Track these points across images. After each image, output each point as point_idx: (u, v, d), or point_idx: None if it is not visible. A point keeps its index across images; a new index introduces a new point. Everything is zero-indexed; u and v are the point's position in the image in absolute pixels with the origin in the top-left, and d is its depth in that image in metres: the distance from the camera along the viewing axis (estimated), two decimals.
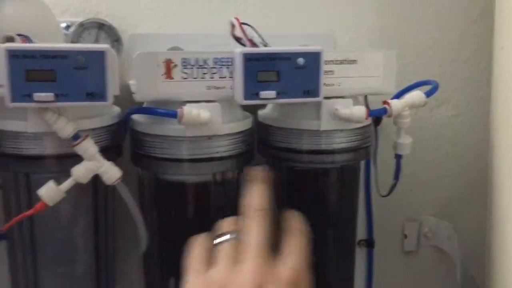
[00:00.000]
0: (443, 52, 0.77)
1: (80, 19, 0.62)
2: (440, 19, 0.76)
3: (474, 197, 0.80)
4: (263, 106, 0.63)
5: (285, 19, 0.72)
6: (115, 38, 0.62)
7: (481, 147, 0.80)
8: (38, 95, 0.45)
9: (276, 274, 0.40)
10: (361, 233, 0.77)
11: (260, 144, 0.61)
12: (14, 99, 0.45)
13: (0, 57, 0.44)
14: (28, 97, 0.45)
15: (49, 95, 0.46)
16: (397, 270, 0.82)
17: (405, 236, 0.81)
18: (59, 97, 0.46)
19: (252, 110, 0.61)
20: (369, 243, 0.79)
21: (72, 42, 0.59)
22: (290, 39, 0.63)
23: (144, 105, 0.56)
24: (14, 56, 0.45)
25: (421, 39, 0.76)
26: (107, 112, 0.54)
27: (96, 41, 0.61)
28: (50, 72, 0.46)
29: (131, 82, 0.59)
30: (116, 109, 0.56)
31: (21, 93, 0.45)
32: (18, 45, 0.46)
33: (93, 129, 0.51)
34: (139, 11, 0.67)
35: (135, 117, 0.56)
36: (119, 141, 0.56)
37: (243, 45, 0.55)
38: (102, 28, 0.61)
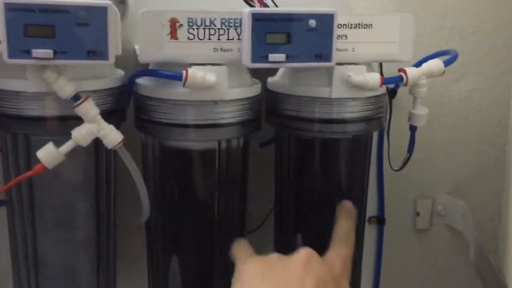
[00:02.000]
0: (464, 23, 0.73)
1: None
2: None
3: (490, 176, 0.77)
4: (273, 73, 0.60)
5: None
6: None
7: (500, 124, 0.77)
8: (36, 52, 0.43)
9: (326, 259, 0.49)
10: (372, 209, 0.76)
11: (268, 112, 0.59)
12: (12, 55, 0.43)
13: None
14: (26, 53, 0.44)
15: (48, 52, 0.44)
16: (409, 249, 0.80)
17: (418, 214, 0.79)
18: (58, 54, 0.44)
19: (261, 77, 0.59)
20: (380, 220, 0.77)
21: None
22: (301, 2, 0.60)
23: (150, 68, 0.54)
24: (12, 9, 0.43)
25: (440, 8, 0.73)
26: (110, 74, 0.52)
27: None
28: (49, 28, 0.44)
29: (137, 46, 0.57)
30: (120, 72, 0.55)
31: (19, 49, 0.43)
32: None
33: (95, 91, 0.49)
34: None
35: (140, 80, 0.54)
36: (123, 105, 0.54)
37: (252, 6, 0.53)
38: None
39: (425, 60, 0.58)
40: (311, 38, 0.49)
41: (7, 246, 0.57)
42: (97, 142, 0.49)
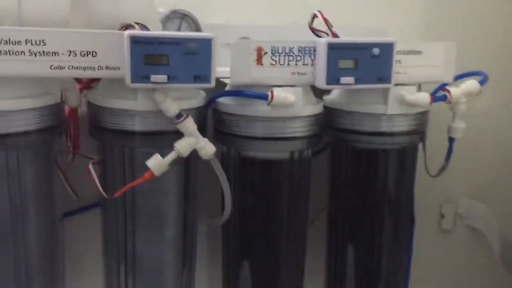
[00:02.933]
0: (483, 46, 0.83)
1: (161, 9, 0.67)
2: (481, 16, 0.83)
3: (507, 180, 0.87)
4: (328, 92, 0.69)
5: (340, 13, 0.78)
6: (195, 28, 0.68)
7: None
8: (154, 77, 0.51)
9: None
10: None
11: (327, 126, 0.67)
12: (133, 80, 0.51)
13: (124, 42, 0.50)
14: (146, 79, 0.51)
15: (163, 77, 0.52)
16: (435, 247, 0.89)
17: (442, 216, 0.88)
18: (171, 79, 0.52)
19: (318, 96, 0.67)
20: (411, 222, 0.85)
21: None
22: (347, 31, 0.68)
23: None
24: (135, 42, 0.50)
25: (463, 34, 0.82)
26: (197, 95, 0.60)
27: (179, 30, 0.67)
28: (164, 57, 0.52)
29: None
30: (203, 93, 0.62)
31: (140, 75, 0.51)
32: (140, 32, 0.51)
33: (190, 109, 0.57)
34: (210, 3, 0.73)
35: (220, 100, 0.62)
36: (205, 121, 0.62)
37: (318, 36, 0.61)
38: (184, 19, 0.67)
39: (456, 79, 0.68)
40: (374, 63, 0.58)
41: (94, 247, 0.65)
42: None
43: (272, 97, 0.56)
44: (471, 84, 0.65)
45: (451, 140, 0.69)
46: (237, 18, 0.74)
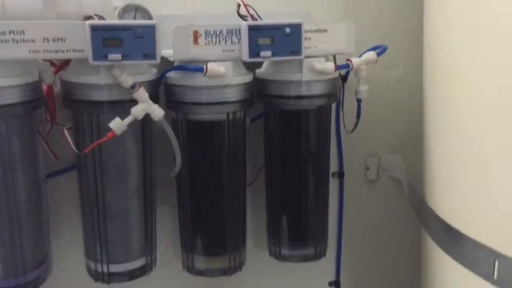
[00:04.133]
0: (393, 25, 1.00)
1: (119, 3, 0.82)
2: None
3: (419, 136, 1.04)
4: (259, 65, 0.85)
5: (271, 2, 0.94)
6: (148, 18, 0.82)
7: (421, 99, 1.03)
8: (111, 56, 0.66)
9: None
10: (333, 166, 1.01)
11: (258, 94, 0.83)
12: (95, 59, 0.66)
13: (86, 30, 0.65)
14: (104, 58, 0.66)
15: (118, 56, 0.67)
16: (362, 196, 1.06)
17: (368, 168, 1.05)
18: (124, 57, 0.67)
19: (251, 69, 0.83)
20: (340, 175, 1.02)
21: None
22: (278, 17, 0.84)
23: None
24: (95, 29, 0.65)
25: (377, 15, 0.99)
26: (149, 71, 0.75)
27: (134, 19, 0.81)
28: (118, 40, 0.66)
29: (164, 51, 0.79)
30: (154, 70, 0.77)
31: (99, 55, 0.66)
32: (98, 21, 0.66)
33: (143, 82, 0.72)
34: None
35: (169, 74, 0.77)
36: (157, 92, 0.77)
37: (245, 20, 0.77)
38: (138, 10, 0.82)
39: (365, 52, 0.84)
40: (287, 40, 0.74)
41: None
42: (143, 118, 0.72)
43: (206, 70, 0.72)
44: (369, 54, 0.81)
45: (358, 101, 0.86)
46: (185, 9, 0.89)
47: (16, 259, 0.73)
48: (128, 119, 0.70)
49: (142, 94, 0.70)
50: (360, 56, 0.83)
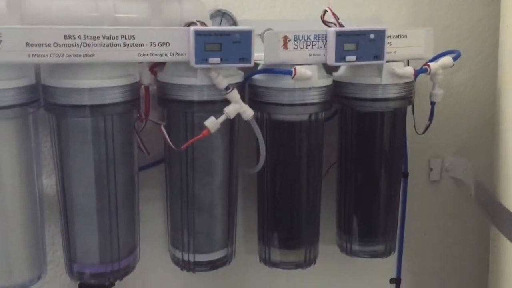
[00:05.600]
0: (460, 30, 1.02)
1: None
2: (460, 4, 1.02)
3: (484, 139, 1.06)
4: (336, 69, 0.88)
5: (345, 7, 0.97)
6: (232, 23, 0.87)
7: (488, 101, 1.06)
8: (211, 59, 0.71)
9: None
10: None
11: (335, 95, 0.87)
12: (196, 62, 0.71)
13: (189, 35, 0.70)
14: (205, 61, 0.71)
15: (217, 59, 0.71)
16: (425, 196, 1.09)
17: (431, 169, 1.08)
18: (223, 60, 0.72)
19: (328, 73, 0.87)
20: (404, 175, 1.05)
21: None
22: (350, 21, 0.87)
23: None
24: (198, 34, 0.70)
25: (444, 20, 1.01)
26: (238, 74, 0.80)
27: (220, 25, 0.86)
28: (218, 45, 0.71)
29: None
30: (241, 72, 0.82)
31: (201, 58, 0.71)
32: (201, 27, 0.71)
33: (233, 84, 0.77)
34: (242, 2, 0.92)
35: (254, 76, 0.82)
36: (243, 93, 0.82)
37: (328, 26, 0.81)
38: (224, 16, 0.87)
39: (436, 57, 0.87)
40: (371, 45, 0.78)
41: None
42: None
43: (295, 73, 0.76)
44: (446, 59, 0.84)
45: (432, 103, 0.89)
46: (263, 15, 0.94)
47: (112, 246, 0.79)
48: (221, 118, 0.75)
49: (235, 95, 0.75)
50: (432, 60, 0.86)
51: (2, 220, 0.73)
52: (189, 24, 0.73)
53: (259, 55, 0.78)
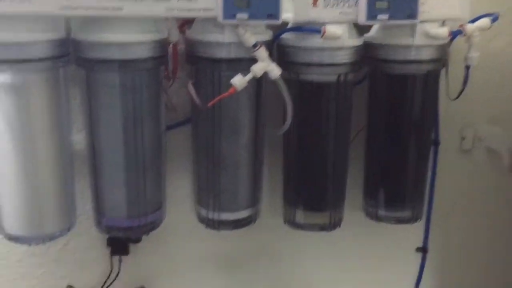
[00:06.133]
0: None
1: None
2: None
3: None
4: (367, 30, 0.86)
5: None
6: None
7: None
8: (239, 15, 0.70)
9: None
10: None
11: (366, 57, 0.85)
12: (224, 17, 0.70)
13: None
14: (232, 16, 0.70)
15: (245, 15, 0.71)
16: (455, 165, 1.06)
17: (463, 138, 1.05)
18: (250, 17, 0.71)
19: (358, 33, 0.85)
20: (436, 142, 1.03)
21: None
22: None
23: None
24: None
25: None
26: (267, 32, 0.79)
27: None
28: (246, 1, 0.70)
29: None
30: (270, 31, 0.81)
31: (229, 14, 0.70)
32: None
33: (262, 42, 0.76)
34: None
35: (283, 36, 0.80)
36: (271, 52, 0.81)
37: None
38: None
39: (473, 20, 0.84)
40: (403, 4, 0.75)
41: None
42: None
43: (324, 32, 0.74)
44: (483, 21, 0.81)
45: (467, 67, 0.86)
46: None
47: (139, 201, 0.80)
48: (249, 76, 0.74)
49: (262, 52, 0.74)
50: (470, 23, 0.83)
51: (34, 173, 0.76)
52: None
53: (288, 15, 0.77)
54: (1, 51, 0.68)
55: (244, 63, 0.75)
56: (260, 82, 0.80)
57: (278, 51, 0.82)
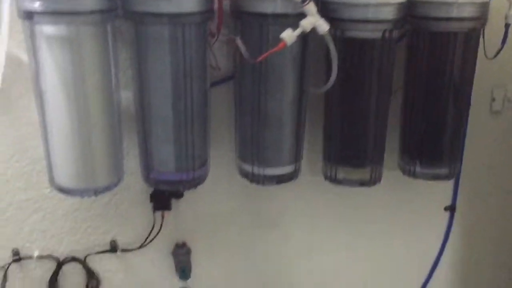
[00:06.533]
0: None
1: None
2: None
3: None
4: None
5: None
6: None
7: None
8: None
9: None
10: None
11: (409, 15, 0.86)
12: None
13: None
14: None
15: None
16: (485, 126, 1.08)
17: (493, 99, 1.06)
18: None
19: None
20: (467, 103, 1.04)
21: None
22: None
23: None
24: None
25: None
26: None
27: None
28: None
29: None
30: None
31: None
32: None
33: None
34: None
35: None
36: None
37: None
38: None
39: None
40: None
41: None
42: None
43: None
44: None
45: (507, 26, 0.87)
46: None
47: (187, 156, 0.82)
48: (298, 31, 0.75)
49: (311, 7, 0.75)
50: None
51: (87, 127, 0.77)
52: None
53: None
54: (54, 3, 0.69)
55: (291, 19, 0.76)
56: (306, 40, 0.81)
57: (322, 7, 0.82)
